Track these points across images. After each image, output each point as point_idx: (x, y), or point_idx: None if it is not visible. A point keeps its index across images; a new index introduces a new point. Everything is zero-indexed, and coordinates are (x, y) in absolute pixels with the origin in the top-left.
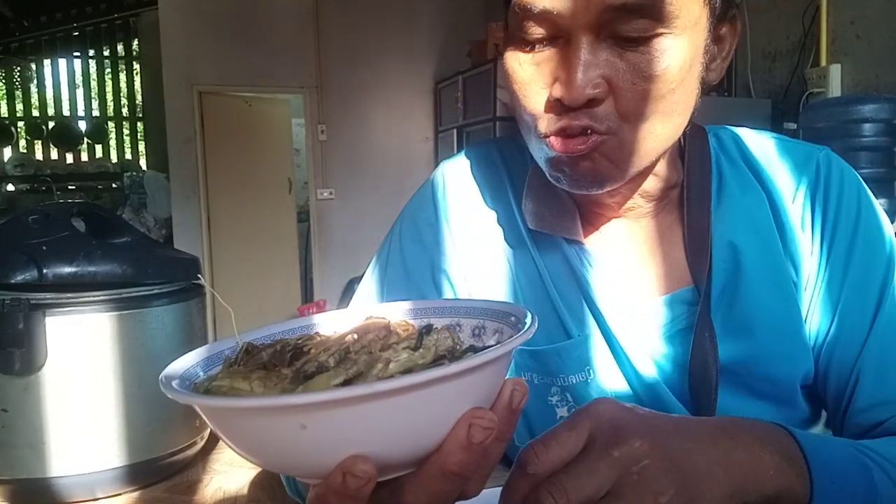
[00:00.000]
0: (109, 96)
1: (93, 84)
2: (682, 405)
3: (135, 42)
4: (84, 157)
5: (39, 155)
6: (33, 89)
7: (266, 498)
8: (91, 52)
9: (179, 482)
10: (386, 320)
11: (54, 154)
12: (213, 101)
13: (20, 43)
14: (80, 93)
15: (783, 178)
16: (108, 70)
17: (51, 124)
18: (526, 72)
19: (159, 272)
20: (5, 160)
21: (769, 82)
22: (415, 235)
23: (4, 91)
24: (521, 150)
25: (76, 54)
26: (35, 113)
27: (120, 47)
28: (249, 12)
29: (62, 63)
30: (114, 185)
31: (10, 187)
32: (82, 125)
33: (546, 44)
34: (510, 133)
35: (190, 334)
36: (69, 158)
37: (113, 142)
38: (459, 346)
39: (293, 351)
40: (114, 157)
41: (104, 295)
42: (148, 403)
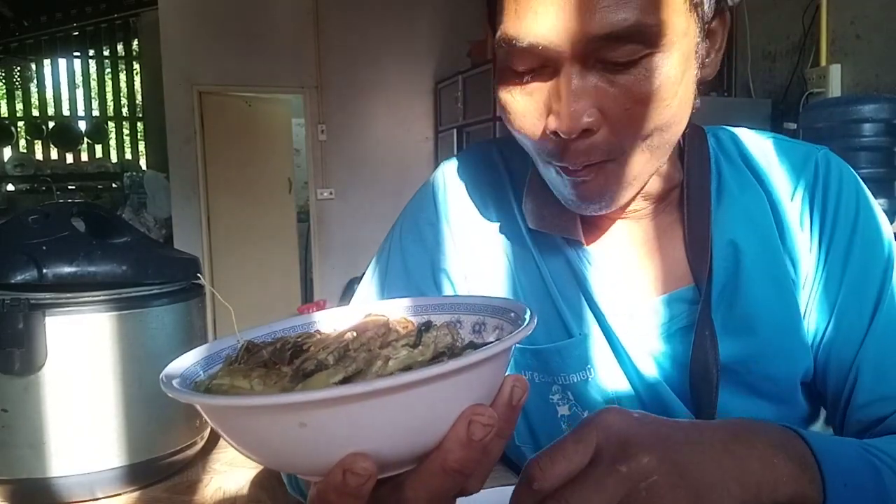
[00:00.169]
0: (109, 96)
1: (93, 84)
2: (683, 404)
3: (135, 42)
4: (84, 157)
5: (39, 155)
6: (33, 89)
7: (266, 498)
8: (91, 52)
9: (179, 482)
10: (385, 318)
11: (54, 154)
12: (213, 102)
13: (20, 43)
14: (80, 93)
15: (782, 178)
16: (108, 70)
17: (51, 124)
18: (519, 104)
19: (159, 272)
20: (5, 160)
21: (769, 82)
22: (415, 235)
23: (4, 91)
24: (522, 150)
25: (76, 54)
26: (35, 113)
27: (120, 47)
28: (249, 12)
29: (62, 63)
30: (114, 185)
31: (10, 187)
32: (82, 125)
33: (536, 74)
34: (510, 133)
35: (190, 334)
36: (69, 158)
37: (113, 142)
38: (459, 343)
39: (293, 349)
40: (114, 157)
41: (104, 295)
42: (148, 403)
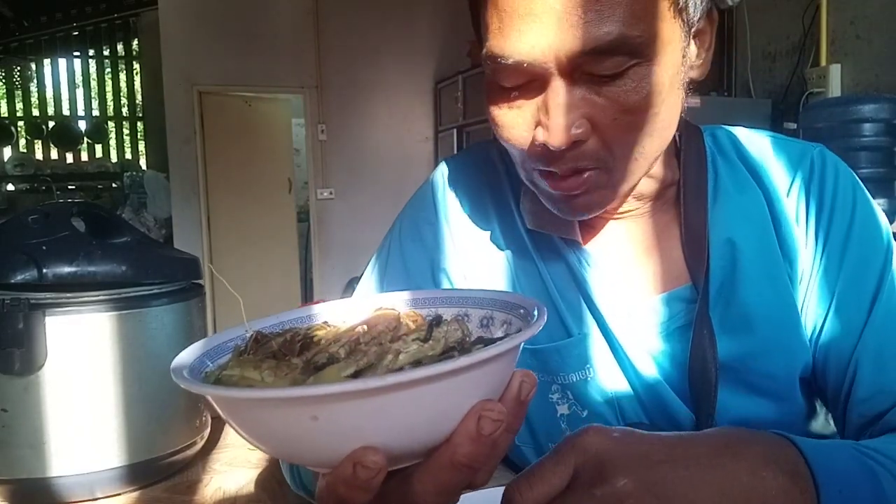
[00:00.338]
0: (109, 96)
1: (93, 84)
2: (683, 402)
3: (135, 42)
4: (84, 157)
5: (39, 155)
6: (33, 89)
7: (266, 498)
8: (91, 52)
9: (179, 482)
10: (396, 312)
11: (54, 154)
12: (213, 101)
13: (20, 43)
14: (80, 93)
15: (778, 174)
16: (108, 70)
17: (51, 124)
18: (507, 117)
19: (159, 272)
20: (5, 160)
21: (769, 82)
22: (414, 235)
23: (4, 91)
24: None
25: (76, 54)
26: (35, 113)
27: (120, 47)
28: (249, 12)
29: (62, 63)
30: (114, 185)
31: (10, 187)
32: (82, 125)
33: (523, 89)
34: None
35: (190, 334)
36: (69, 158)
37: (113, 142)
38: (469, 338)
39: (303, 341)
40: (114, 157)
41: (104, 295)
42: (148, 403)
